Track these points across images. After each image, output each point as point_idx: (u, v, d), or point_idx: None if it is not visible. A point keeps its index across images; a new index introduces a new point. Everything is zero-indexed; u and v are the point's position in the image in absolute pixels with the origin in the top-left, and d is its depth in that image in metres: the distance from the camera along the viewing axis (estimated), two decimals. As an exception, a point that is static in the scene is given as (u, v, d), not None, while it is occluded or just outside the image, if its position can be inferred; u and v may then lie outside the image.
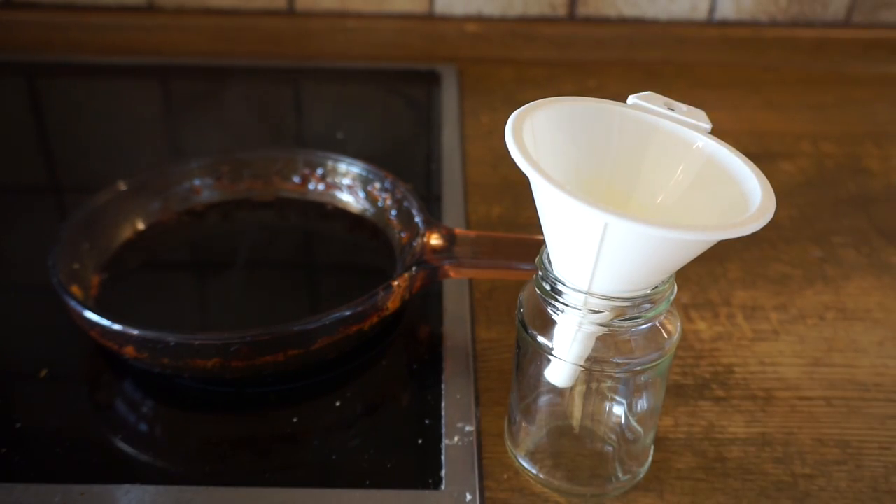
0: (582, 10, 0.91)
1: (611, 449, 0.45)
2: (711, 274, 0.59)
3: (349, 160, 0.63)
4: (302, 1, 0.91)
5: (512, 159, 0.34)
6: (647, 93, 0.41)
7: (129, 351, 0.46)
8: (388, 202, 0.60)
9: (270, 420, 0.48)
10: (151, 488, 0.42)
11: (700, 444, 0.46)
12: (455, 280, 0.57)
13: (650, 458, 0.45)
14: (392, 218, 0.60)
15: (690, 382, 0.50)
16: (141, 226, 0.60)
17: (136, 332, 0.45)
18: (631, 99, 0.41)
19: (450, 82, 0.86)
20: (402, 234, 0.57)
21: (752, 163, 0.37)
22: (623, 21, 0.92)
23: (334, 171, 0.63)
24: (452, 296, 0.56)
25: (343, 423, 0.48)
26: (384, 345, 0.53)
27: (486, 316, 0.55)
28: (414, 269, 0.50)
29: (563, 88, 0.87)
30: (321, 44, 0.91)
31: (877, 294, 0.58)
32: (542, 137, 0.37)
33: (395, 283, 0.49)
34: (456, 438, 0.45)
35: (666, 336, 0.40)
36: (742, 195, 0.36)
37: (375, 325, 0.49)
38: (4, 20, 0.90)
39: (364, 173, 0.62)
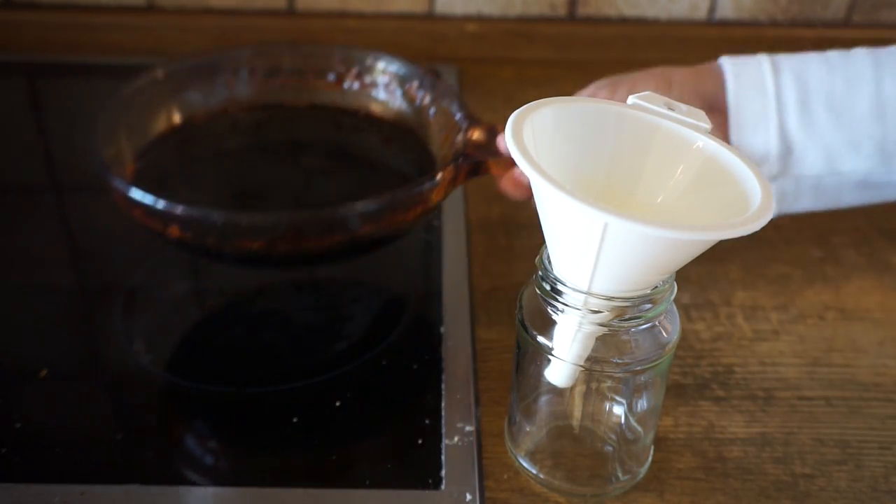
0: (582, 10, 0.91)
1: (611, 449, 0.45)
2: (711, 274, 0.59)
3: (387, 57, 0.61)
4: (302, 1, 0.91)
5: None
6: (647, 93, 0.41)
7: (173, 231, 0.45)
8: (427, 101, 0.59)
9: (270, 420, 0.48)
10: (152, 488, 0.42)
11: (700, 444, 0.46)
12: (455, 279, 0.57)
13: (650, 458, 0.45)
14: (430, 117, 0.58)
15: (690, 382, 0.50)
16: (176, 118, 0.59)
17: (181, 211, 0.44)
18: (631, 99, 0.41)
19: (450, 82, 0.86)
20: (442, 133, 0.57)
21: (752, 163, 0.37)
22: (623, 21, 0.92)
23: (371, 70, 0.62)
24: (452, 296, 0.56)
25: (343, 423, 0.48)
26: (384, 345, 0.53)
27: (486, 316, 0.55)
28: (458, 160, 0.50)
29: (563, 88, 0.86)
30: (321, 44, 0.91)
31: (877, 294, 0.58)
32: (542, 137, 0.37)
33: (440, 174, 0.48)
34: (456, 438, 0.45)
35: (666, 336, 0.40)
36: (742, 195, 0.36)
37: (419, 217, 0.49)
38: (4, 20, 0.90)
39: (402, 71, 0.61)
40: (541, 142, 0.36)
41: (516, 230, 0.63)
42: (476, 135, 0.52)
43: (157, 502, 0.42)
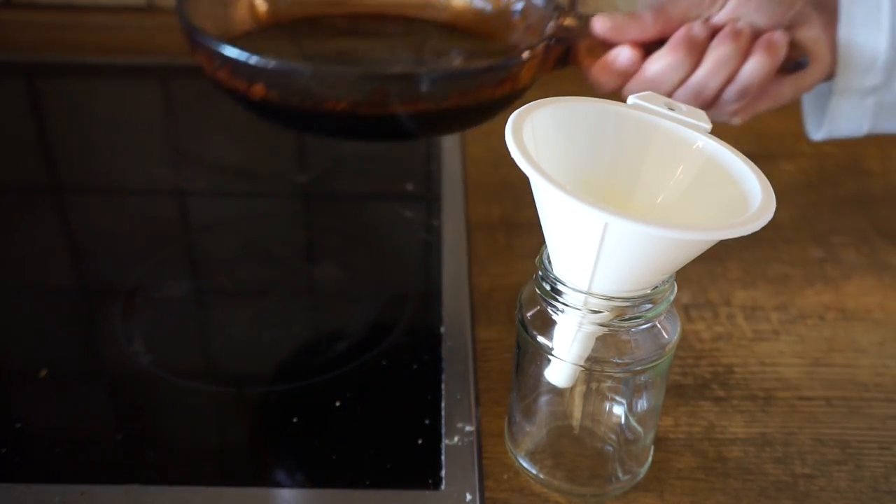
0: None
1: (611, 449, 0.45)
2: (711, 274, 0.59)
3: None
4: (302, 1, 0.91)
5: (512, 159, 0.34)
6: (647, 93, 0.41)
7: (257, 90, 0.45)
8: None
9: (270, 420, 0.48)
10: (151, 488, 0.42)
11: (700, 444, 0.46)
12: (455, 279, 0.57)
13: (650, 458, 0.45)
14: (514, 17, 0.57)
15: (690, 382, 0.50)
16: (261, 6, 0.58)
17: (272, 66, 0.44)
18: (631, 99, 0.41)
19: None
20: (526, 32, 0.55)
21: (752, 163, 0.37)
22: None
23: None
24: (452, 296, 0.56)
25: (343, 423, 0.48)
26: (384, 345, 0.53)
27: (486, 316, 0.55)
28: (550, 41, 0.49)
29: (563, 88, 0.86)
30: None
31: (877, 294, 0.58)
32: (542, 137, 0.37)
33: (530, 51, 0.47)
34: (456, 438, 0.45)
35: (666, 336, 0.40)
36: (742, 195, 0.36)
37: (506, 96, 0.48)
38: (4, 20, 0.90)
39: None
40: (541, 142, 0.36)
41: (516, 230, 0.63)
42: (567, 21, 0.51)
43: (157, 502, 0.42)
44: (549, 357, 0.40)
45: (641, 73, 0.49)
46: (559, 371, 0.40)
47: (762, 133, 0.78)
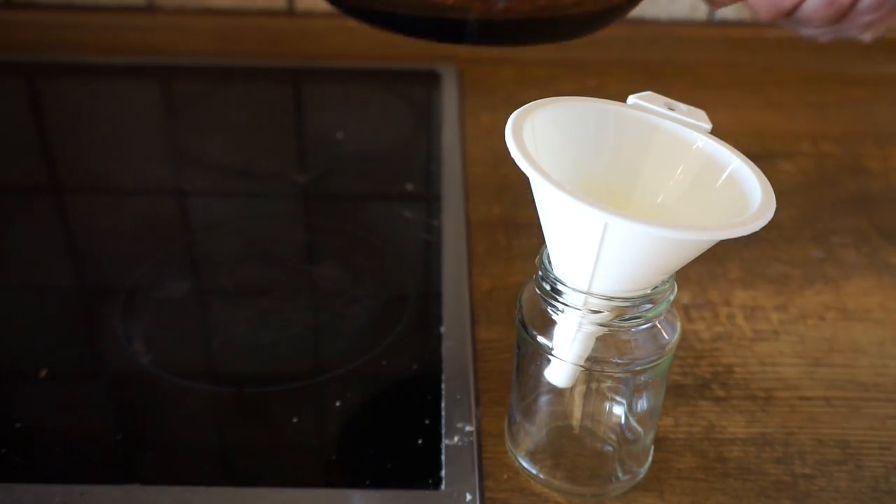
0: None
1: (611, 449, 0.45)
2: (711, 274, 0.59)
3: None
4: (302, 1, 0.91)
5: (512, 159, 0.34)
6: (647, 93, 0.41)
7: None
8: None
9: (270, 420, 0.48)
10: (151, 488, 0.42)
11: (700, 444, 0.46)
12: (455, 279, 0.57)
13: (650, 458, 0.45)
14: None
15: (690, 382, 0.50)
16: None
17: None
18: (631, 99, 0.41)
19: (450, 82, 0.86)
20: None
21: (752, 163, 0.37)
22: (623, 21, 0.92)
23: None
24: (452, 296, 0.56)
25: (343, 423, 0.48)
26: (384, 345, 0.53)
27: (486, 316, 0.55)
28: None
29: (563, 88, 0.86)
30: (321, 44, 0.91)
31: (877, 294, 0.58)
32: (542, 137, 0.37)
33: None
34: (456, 438, 0.45)
35: (666, 336, 0.40)
36: (742, 195, 0.36)
37: (620, 3, 0.46)
38: (4, 20, 0.90)
39: None
40: (541, 142, 0.36)
41: (516, 230, 0.63)
42: None
43: (157, 502, 0.42)
44: (549, 357, 0.40)
45: None
46: (559, 371, 0.40)
47: (762, 133, 0.78)
